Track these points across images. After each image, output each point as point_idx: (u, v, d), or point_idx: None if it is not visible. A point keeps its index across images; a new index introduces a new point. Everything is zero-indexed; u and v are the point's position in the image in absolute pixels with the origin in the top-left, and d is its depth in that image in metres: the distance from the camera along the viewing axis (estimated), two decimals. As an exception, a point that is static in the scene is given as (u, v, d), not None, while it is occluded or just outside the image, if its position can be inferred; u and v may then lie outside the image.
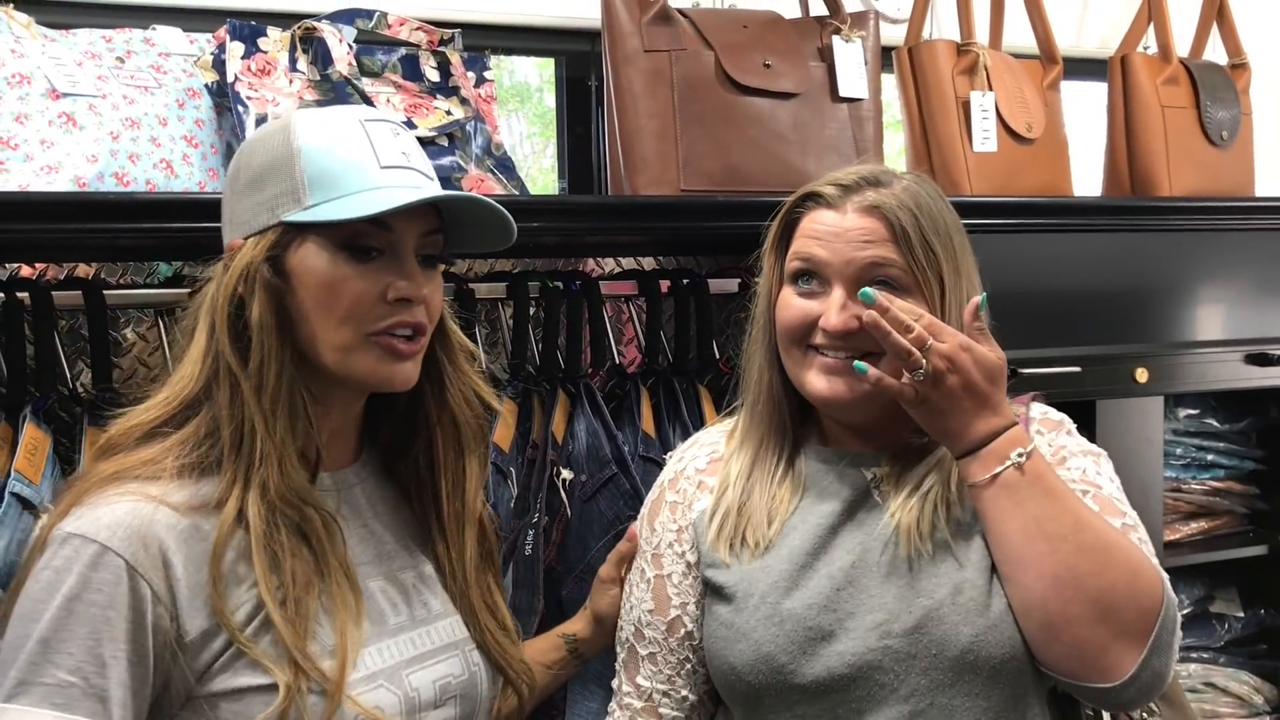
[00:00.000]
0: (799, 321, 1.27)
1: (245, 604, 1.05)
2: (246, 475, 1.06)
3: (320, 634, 1.06)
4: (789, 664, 1.21)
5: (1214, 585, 2.34)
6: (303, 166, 1.09)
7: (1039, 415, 1.36)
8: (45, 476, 1.45)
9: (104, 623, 0.99)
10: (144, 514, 1.03)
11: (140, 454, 1.08)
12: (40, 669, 0.98)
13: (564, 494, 1.70)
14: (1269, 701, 2.29)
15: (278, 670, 1.02)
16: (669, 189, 1.80)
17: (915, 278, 1.24)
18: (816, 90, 1.92)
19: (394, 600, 1.17)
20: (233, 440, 1.07)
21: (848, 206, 1.27)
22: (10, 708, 0.97)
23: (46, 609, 0.99)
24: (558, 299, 1.78)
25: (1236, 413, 2.31)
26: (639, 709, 1.34)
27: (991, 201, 1.98)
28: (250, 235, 1.10)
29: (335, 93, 1.68)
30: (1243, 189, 2.32)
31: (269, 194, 1.10)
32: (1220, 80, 2.31)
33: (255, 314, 1.07)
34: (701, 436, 1.44)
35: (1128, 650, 1.13)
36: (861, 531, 1.27)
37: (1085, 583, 1.13)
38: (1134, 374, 2.04)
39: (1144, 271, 2.08)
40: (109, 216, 1.42)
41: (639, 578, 1.36)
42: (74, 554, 1.00)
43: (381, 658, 1.12)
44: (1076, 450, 1.31)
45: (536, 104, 2.76)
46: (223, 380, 1.08)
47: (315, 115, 1.13)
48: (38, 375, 1.51)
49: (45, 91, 1.50)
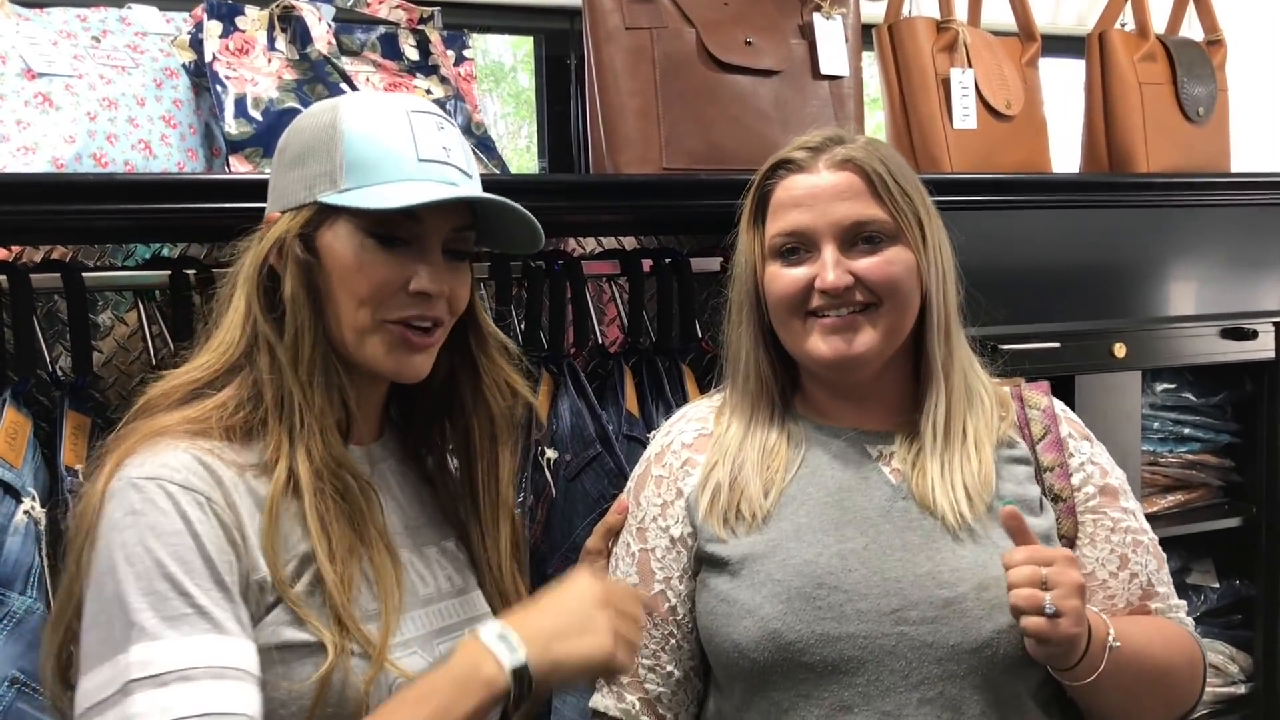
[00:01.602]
0: (794, 290, 1.26)
1: (292, 563, 1.06)
2: (292, 439, 1.08)
3: (361, 599, 1.08)
4: (796, 642, 1.20)
5: (1190, 557, 2.37)
6: (344, 150, 1.10)
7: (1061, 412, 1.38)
8: (26, 461, 1.44)
9: (215, 549, 1.00)
10: (206, 462, 1.04)
11: (183, 412, 1.09)
12: (176, 603, 0.98)
13: (549, 473, 1.70)
14: (1243, 670, 2.33)
15: (325, 630, 1.03)
16: (651, 167, 1.79)
17: (898, 224, 1.26)
18: (798, 68, 1.92)
19: (421, 572, 1.19)
20: (276, 405, 1.09)
21: (820, 165, 1.27)
22: (162, 641, 0.96)
23: (153, 549, 0.99)
24: (540, 279, 1.78)
25: (1212, 387, 2.33)
26: (625, 684, 1.33)
27: (971, 178, 1.99)
28: (287, 210, 1.12)
29: (314, 72, 1.66)
30: (1218, 165, 2.34)
31: (309, 172, 1.11)
32: (1197, 57, 2.32)
33: (288, 287, 1.09)
34: (689, 411, 1.43)
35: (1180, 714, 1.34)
36: (874, 511, 1.26)
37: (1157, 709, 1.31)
38: (1112, 349, 2.06)
39: (1122, 247, 2.09)
40: (88, 198, 1.41)
41: (624, 551, 1.36)
42: (157, 494, 1.00)
43: (415, 626, 1.14)
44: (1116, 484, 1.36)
45: (511, 83, 2.74)
46: (262, 347, 1.10)
47: (365, 100, 1.15)
48: (17, 359, 1.50)
49: (20, 71, 1.48)
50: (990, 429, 1.30)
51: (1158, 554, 1.36)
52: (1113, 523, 1.32)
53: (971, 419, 1.29)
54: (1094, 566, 1.31)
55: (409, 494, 1.24)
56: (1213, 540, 2.34)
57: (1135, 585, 1.32)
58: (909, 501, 1.26)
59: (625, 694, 1.33)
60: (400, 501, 1.22)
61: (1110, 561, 1.31)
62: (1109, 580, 1.31)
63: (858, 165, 1.26)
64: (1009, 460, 1.31)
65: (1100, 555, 1.31)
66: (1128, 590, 1.32)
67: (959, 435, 1.28)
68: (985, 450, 1.28)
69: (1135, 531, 1.34)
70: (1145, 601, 1.33)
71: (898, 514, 1.25)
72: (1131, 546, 1.32)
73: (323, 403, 1.10)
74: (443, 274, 1.13)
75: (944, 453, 1.26)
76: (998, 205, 1.97)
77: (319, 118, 1.14)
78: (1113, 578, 1.31)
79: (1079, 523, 1.32)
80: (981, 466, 1.26)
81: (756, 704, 1.25)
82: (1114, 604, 1.31)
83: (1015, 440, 1.33)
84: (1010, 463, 1.31)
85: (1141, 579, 1.32)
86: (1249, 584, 2.34)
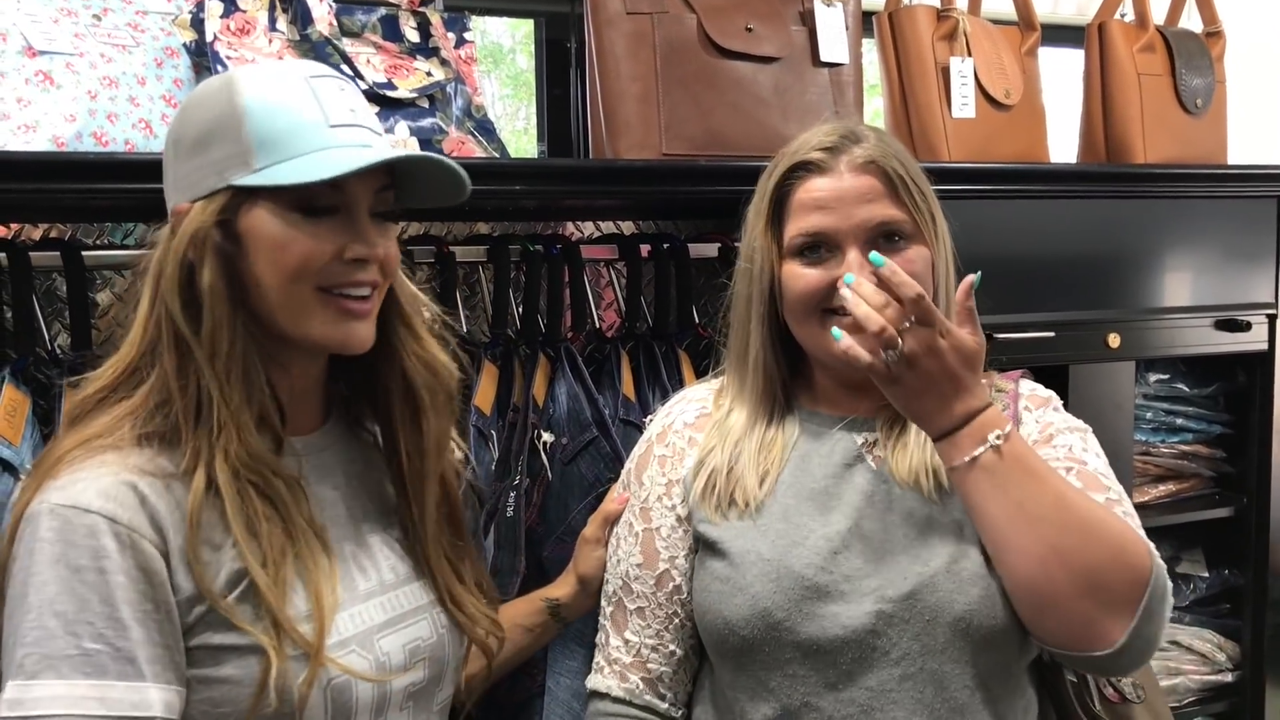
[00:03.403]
0: (815, 290, 1.27)
1: (223, 570, 1.04)
2: (210, 443, 1.05)
3: (295, 599, 1.06)
4: (785, 620, 1.23)
5: (1180, 546, 2.39)
6: (250, 128, 1.06)
7: (1027, 391, 1.37)
8: (25, 438, 1.44)
9: (118, 587, 0.98)
10: (128, 480, 1.02)
11: (99, 422, 1.06)
12: (62, 642, 0.96)
13: (545, 456, 1.70)
14: (1230, 659, 2.35)
15: (260, 634, 1.02)
16: (651, 153, 1.80)
17: (916, 223, 1.28)
18: (798, 54, 1.92)
19: (363, 565, 1.17)
20: (188, 409, 1.06)
21: (841, 167, 1.28)
22: (40, 683, 0.95)
23: (53, 584, 0.97)
24: (538, 263, 1.78)
25: (1205, 378, 2.35)
26: (627, 664, 1.35)
27: (969, 168, 1.99)
28: (197, 199, 1.07)
29: (315, 53, 1.66)
30: (1216, 156, 2.34)
31: (215, 156, 1.07)
32: (1195, 48, 2.33)
33: (206, 280, 1.05)
34: (688, 393, 1.45)
35: (1117, 620, 1.13)
36: (858, 496, 1.28)
37: (1070, 559, 1.13)
38: (1106, 339, 2.07)
39: (1118, 238, 2.10)
40: (88, 176, 1.41)
41: (627, 531, 1.38)
42: (69, 525, 0.99)
43: (353, 623, 1.12)
44: (1064, 426, 1.32)
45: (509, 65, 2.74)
46: (169, 347, 1.06)
47: (259, 72, 1.11)
48: (16, 336, 1.50)
49: (21, 49, 1.48)
50: None
51: (1108, 473, 1.28)
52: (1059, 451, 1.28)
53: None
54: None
55: (357, 481, 1.22)
56: (1203, 530, 2.36)
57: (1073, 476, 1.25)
58: (890, 485, 1.28)
59: (628, 674, 1.35)
60: (345, 492, 1.20)
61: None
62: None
63: (879, 167, 1.27)
64: None
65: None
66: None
67: None
68: None
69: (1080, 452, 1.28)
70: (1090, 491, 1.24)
71: (879, 498, 1.27)
72: (1078, 463, 1.27)
73: (240, 399, 1.06)
74: (374, 237, 1.10)
75: (915, 434, 1.28)
76: (995, 195, 1.98)
77: (213, 98, 1.08)
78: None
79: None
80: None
81: (744, 681, 1.27)
82: None
83: None
84: None
85: (1086, 478, 1.25)
86: (1238, 574, 2.36)
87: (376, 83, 1.69)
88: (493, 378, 1.73)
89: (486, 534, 1.64)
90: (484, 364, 1.73)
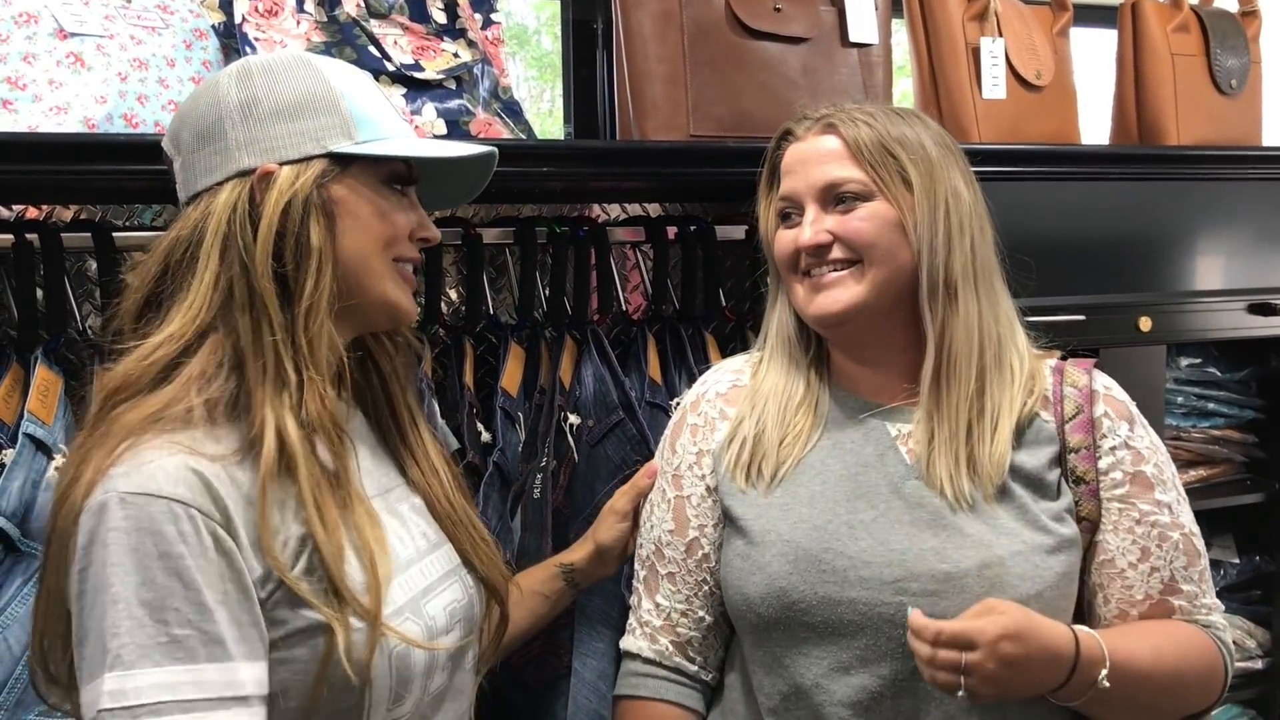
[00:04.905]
0: (788, 251, 1.32)
1: (290, 543, 1.05)
2: (282, 402, 1.06)
3: (350, 570, 1.07)
4: (799, 601, 1.24)
5: (1211, 532, 2.36)
6: (351, 104, 1.14)
7: (1102, 390, 1.36)
8: (57, 418, 1.46)
9: (197, 570, 0.98)
10: (193, 464, 1.02)
11: (161, 394, 1.06)
12: (153, 629, 0.97)
13: (571, 439, 1.71)
14: (1261, 646, 2.33)
15: (325, 607, 1.03)
16: (678, 134, 1.79)
17: (876, 185, 1.28)
18: (827, 35, 1.90)
19: (399, 534, 1.18)
20: (263, 369, 1.06)
21: (810, 133, 1.33)
22: (138, 672, 0.96)
23: (135, 573, 0.97)
24: (565, 245, 1.78)
25: (1237, 362, 2.32)
26: (658, 627, 1.37)
27: (999, 149, 1.97)
28: (287, 162, 1.10)
29: (343, 34, 1.66)
30: (1250, 138, 2.31)
31: (311, 125, 1.12)
32: (1230, 27, 2.29)
33: (314, 239, 1.09)
34: (725, 364, 1.47)
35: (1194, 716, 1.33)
36: (887, 487, 1.28)
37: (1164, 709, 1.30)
38: (1138, 323, 2.05)
39: (1150, 220, 2.08)
40: (119, 158, 1.42)
41: (659, 498, 1.40)
42: (142, 513, 0.98)
43: (403, 591, 1.13)
44: (1156, 463, 1.34)
45: (534, 48, 2.73)
46: (243, 308, 1.07)
47: (334, 62, 1.19)
48: (48, 317, 1.51)
49: (53, 31, 1.49)
50: (1013, 404, 1.30)
51: (1190, 550, 1.32)
52: (1140, 514, 1.30)
53: (992, 393, 1.29)
54: (1114, 554, 1.30)
55: (374, 451, 1.24)
56: (1234, 515, 2.33)
57: (1156, 579, 1.30)
58: (922, 480, 1.27)
59: (659, 637, 1.37)
60: (371, 460, 1.22)
61: (1130, 552, 1.30)
62: (1127, 570, 1.30)
63: (836, 128, 1.31)
64: (1031, 440, 1.31)
65: (1121, 544, 1.30)
66: (1146, 583, 1.30)
67: (976, 413, 1.28)
68: (1003, 428, 1.28)
69: (1165, 526, 1.31)
70: (1167, 597, 1.30)
71: (909, 491, 1.27)
72: (1157, 540, 1.30)
73: (324, 357, 1.09)
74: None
75: (959, 433, 1.27)
76: (1026, 176, 1.96)
77: (297, 71, 1.14)
78: (1131, 568, 1.30)
79: (1104, 508, 1.31)
80: (995, 446, 1.27)
81: (760, 656, 1.30)
82: (1131, 594, 1.30)
83: (1042, 417, 1.32)
84: (1031, 442, 1.31)
85: (1164, 574, 1.30)
86: (1269, 560, 2.34)
87: (403, 64, 1.69)
88: (519, 360, 1.73)
89: (514, 516, 1.65)
90: (511, 346, 1.73)
